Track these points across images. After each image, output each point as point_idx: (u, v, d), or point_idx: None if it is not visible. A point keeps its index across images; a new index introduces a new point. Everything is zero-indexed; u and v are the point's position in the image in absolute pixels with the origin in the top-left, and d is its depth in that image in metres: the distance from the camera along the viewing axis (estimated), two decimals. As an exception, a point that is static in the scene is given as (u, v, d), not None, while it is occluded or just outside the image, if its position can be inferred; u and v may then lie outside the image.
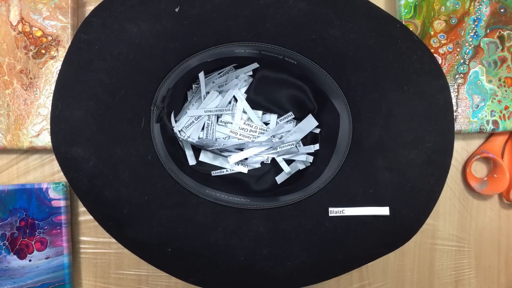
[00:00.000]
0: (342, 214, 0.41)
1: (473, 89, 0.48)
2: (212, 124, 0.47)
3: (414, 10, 0.48)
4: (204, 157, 0.47)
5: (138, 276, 0.51)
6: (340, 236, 0.41)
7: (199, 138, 0.47)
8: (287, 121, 0.48)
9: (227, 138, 0.47)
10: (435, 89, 0.40)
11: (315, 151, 0.47)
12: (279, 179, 0.47)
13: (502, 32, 0.48)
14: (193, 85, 0.47)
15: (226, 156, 0.47)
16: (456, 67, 0.48)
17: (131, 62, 0.40)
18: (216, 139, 0.47)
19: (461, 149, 0.52)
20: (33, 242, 0.47)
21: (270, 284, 0.42)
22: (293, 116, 0.47)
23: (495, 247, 0.53)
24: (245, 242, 0.41)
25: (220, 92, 0.47)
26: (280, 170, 0.47)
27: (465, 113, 0.48)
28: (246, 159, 0.47)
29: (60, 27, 0.47)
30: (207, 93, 0.47)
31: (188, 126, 0.47)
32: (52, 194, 0.47)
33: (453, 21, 0.48)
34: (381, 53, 0.40)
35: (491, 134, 0.51)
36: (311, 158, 0.47)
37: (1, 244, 0.47)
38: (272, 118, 0.48)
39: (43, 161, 0.50)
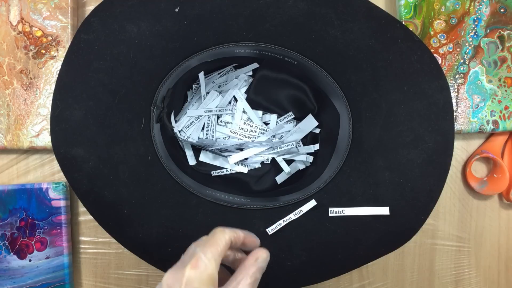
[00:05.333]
0: (342, 214, 0.41)
1: (473, 89, 0.48)
2: (212, 124, 0.47)
3: (414, 10, 0.48)
4: (204, 157, 0.47)
5: (138, 276, 0.51)
6: (340, 236, 0.41)
7: (199, 138, 0.47)
8: (287, 121, 0.48)
9: (227, 138, 0.47)
10: (435, 89, 0.40)
11: (315, 151, 0.47)
12: (279, 179, 0.47)
13: (502, 32, 0.48)
14: (193, 85, 0.47)
15: (226, 156, 0.47)
16: (456, 67, 0.48)
17: (131, 62, 0.40)
18: (216, 139, 0.47)
19: (461, 149, 0.52)
20: (33, 242, 0.47)
21: (270, 284, 0.42)
22: (293, 116, 0.47)
23: (495, 247, 0.53)
24: (245, 242, 0.41)
25: (220, 92, 0.47)
26: (280, 170, 0.47)
27: (465, 113, 0.48)
28: (246, 159, 0.47)
29: (60, 27, 0.47)
30: (207, 93, 0.47)
31: (188, 126, 0.47)
32: (52, 194, 0.47)
33: (453, 21, 0.48)
34: (381, 53, 0.40)
35: (491, 134, 0.51)
36: (311, 158, 0.47)
37: (1, 244, 0.47)
38: (272, 118, 0.48)
39: (43, 161, 0.50)
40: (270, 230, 0.41)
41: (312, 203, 0.41)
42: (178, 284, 0.29)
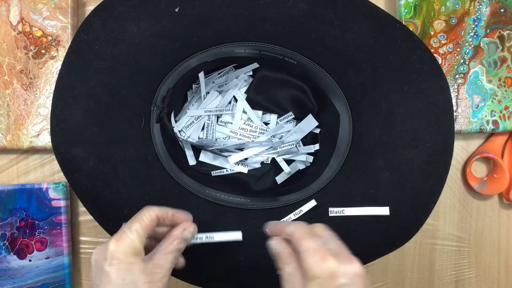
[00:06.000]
0: (342, 214, 0.41)
1: (473, 89, 0.48)
2: (212, 124, 0.47)
3: (414, 10, 0.48)
4: (204, 157, 0.47)
5: (138, 276, 0.51)
6: (340, 236, 0.40)
7: (199, 138, 0.47)
8: (287, 121, 0.48)
9: (227, 138, 0.47)
10: (435, 89, 0.40)
11: (315, 151, 0.47)
12: (279, 179, 0.47)
13: (502, 32, 0.48)
14: (193, 85, 0.47)
15: (226, 156, 0.47)
16: (456, 67, 0.48)
17: (131, 62, 0.40)
18: (216, 139, 0.47)
19: (461, 149, 0.52)
20: (33, 242, 0.47)
21: (270, 284, 0.42)
22: (293, 116, 0.47)
23: (495, 247, 0.53)
24: (245, 242, 0.41)
25: (220, 92, 0.47)
26: (280, 170, 0.47)
27: (465, 113, 0.48)
28: (246, 159, 0.47)
29: (60, 27, 0.47)
30: (207, 93, 0.47)
31: (188, 126, 0.47)
32: (52, 194, 0.47)
33: (453, 21, 0.48)
34: (381, 53, 0.40)
35: (491, 134, 0.51)
36: (311, 158, 0.47)
37: (1, 244, 0.47)
38: (272, 118, 0.48)
39: (43, 161, 0.50)
40: None
41: (312, 203, 0.41)
42: (103, 257, 0.31)
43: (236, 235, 0.38)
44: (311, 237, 0.32)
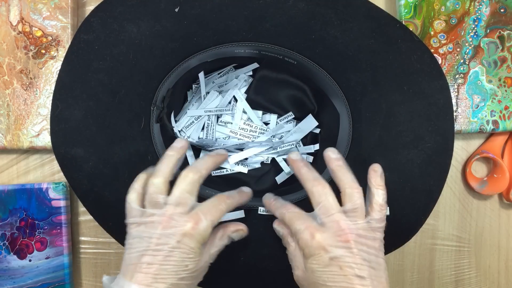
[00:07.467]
0: (342, 214, 0.40)
1: (473, 89, 0.48)
2: (212, 124, 0.47)
3: (414, 10, 0.48)
4: (204, 157, 0.47)
5: (138, 276, 0.50)
6: (340, 236, 0.41)
7: (199, 138, 0.47)
8: (287, 121, 0.48)
9: (227, 138, 0.47)
10: (435, 89, 0.40)
11: (315, 151, 0.47)
12: (279, 179, 0.47)
13: (502, 32, 0.48)
14: (193, 85, 0.47)
15: (226, 156, 0.47)
16: (456, 67, 0.48)
17: (131, 62, 0.40)
18: (216, 139, 0.47)
19: (461, 149, 0.52)
20: (33, 242, 0.47)
21: (270, 284, 0.42)
22: (293, 116, 0.47)
23: (495, 247, 0.53)
24: (245, 242, 0.41)
25: (220, 92, 0.47)
26: (280, 170, 0.47)
27: (465, 113, 0.48)
28: (246, 159, 0.47)
29: (60, 27, 0.47)
30: (207, 93, 0.47)
31: (188, 126, 0.47)
32: (52, 194, 0.47)
33: (453, 21, 0.48)
34: (381, 53, 0.40)
35: (491, 134, 0.51)
36: (311, 158, 0.47)
37: (1, 244, 0.47)
38: (272, 118, 0.48)
39: (43, 161, 0.50)
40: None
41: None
42: (172, 229, 0.32)
43: (238, 214, 0.40)
44: (298, 218, 0.34)
